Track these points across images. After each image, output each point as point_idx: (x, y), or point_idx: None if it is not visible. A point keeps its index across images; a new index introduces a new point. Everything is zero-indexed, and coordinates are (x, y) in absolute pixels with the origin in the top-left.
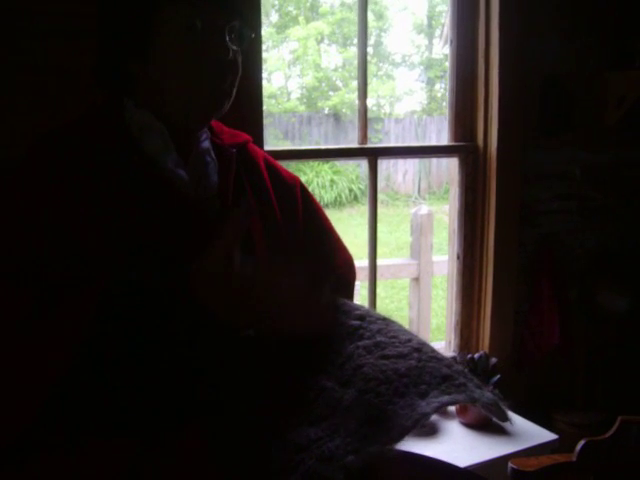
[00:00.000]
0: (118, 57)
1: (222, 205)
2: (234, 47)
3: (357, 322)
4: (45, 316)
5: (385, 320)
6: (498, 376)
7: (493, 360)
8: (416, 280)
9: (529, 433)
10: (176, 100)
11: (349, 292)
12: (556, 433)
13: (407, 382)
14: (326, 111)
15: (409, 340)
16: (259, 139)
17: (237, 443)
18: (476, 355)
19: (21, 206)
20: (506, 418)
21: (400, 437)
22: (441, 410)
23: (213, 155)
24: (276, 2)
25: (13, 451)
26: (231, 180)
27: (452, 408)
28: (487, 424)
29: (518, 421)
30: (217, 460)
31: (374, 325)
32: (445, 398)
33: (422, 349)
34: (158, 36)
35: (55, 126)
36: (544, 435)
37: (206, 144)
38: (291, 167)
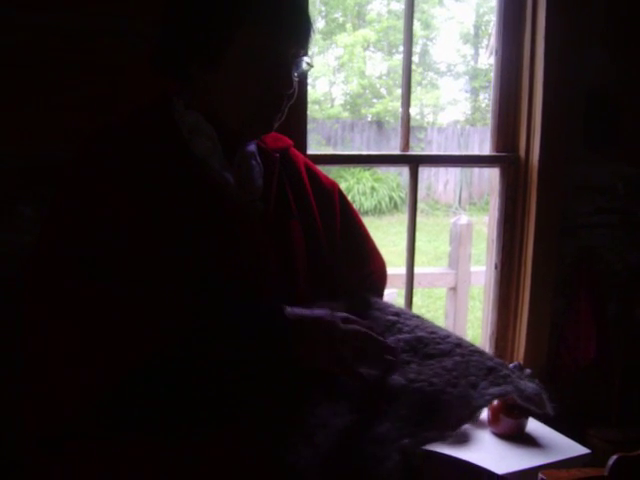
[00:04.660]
0: (182, 58)
1: (265, 209)
2: (296, 78)
3: (394, 317)
4: (113, 318)
5: (419, 317)
6: (528, 371)
7: (527, 371)
8: (453, 290)
9: (561, 446)
10: (231, 111)
11: (380, 296)
12: (589, 448)
13: (457, 374)
14: (369, 118)
15: (448, 336)
16: (302, 145)
17: (283, 435)
18: (510, 365)
19: (76, 206)
20: (545, 408)
21: (457, 426)
22: (493, 401)
23: (258, 159)
24: (323, 8)
25: (63, 436)
26: (274, 184)
27: (484, 417)
28: (519, 435)
29: (550, 434)
30: (265, 452)
31: (410, 321)
32: (496, 390)
33: (462, 344)
34: (231, 52)
35: (105, 124)
36: (577, 449)
37: (252, 147)
38: (332, 173)
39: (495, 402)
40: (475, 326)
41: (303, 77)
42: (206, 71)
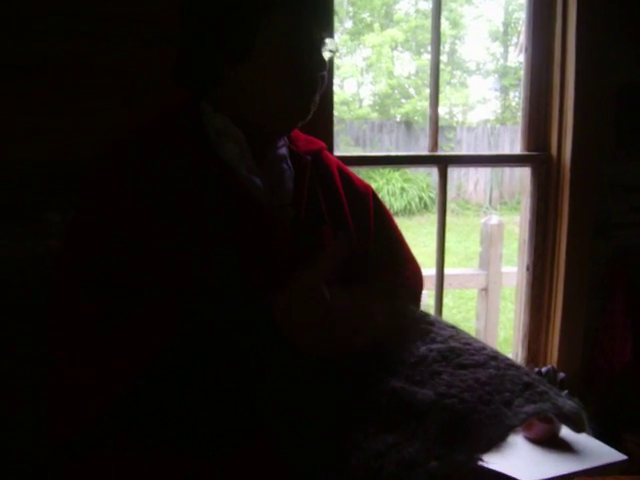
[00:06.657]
0: (210, 58)
1: (296, 213)
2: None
3: (428, 326)
4: (118, 328)
5: (454, 328)
6: (566, 392)
7: (561, 375)
8: (484, 291)
9: (597, 452)
10: (266, 105)
11: (416, 303)
12: (625, 453)
13: (490, 390)
14: (398, 118)
15: (483, 348)
16: (329, 146)
17: (312, 455)
18: (543, 369)
19: (98, 212)
20: (584, 428)
21: (487, 448)
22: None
23: (289, 163)
24: (351, 9)
25: (76, 445)
26: (305, 188)
27: None
28: (553, 440)
29: (585, 439)
30: (292, 473)
31: (445, 331)
32: (531, 407)
33: (497, 357)
34: (260, 39)
35: (130, 128)
36: (612, 455)
37: (283, 150)
38: (362, 174)
39: None
40: (507, 327)
41: (330, 63)
42: (236, 65)
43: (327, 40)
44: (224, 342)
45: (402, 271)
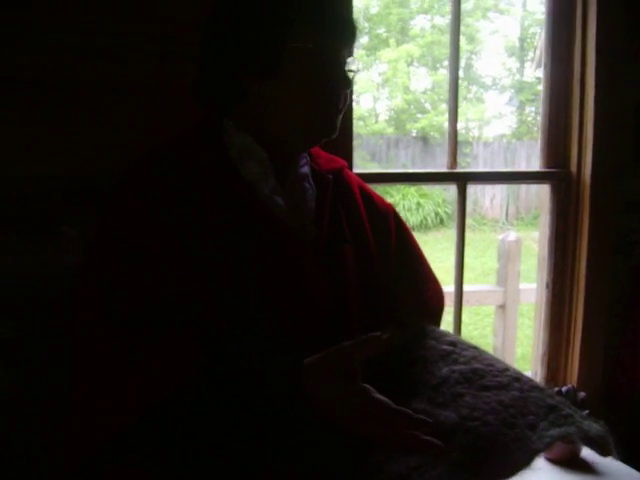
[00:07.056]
0: (234, 74)
1: (318, 232)
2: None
3: (449, 347)
4: (138, 353)
5: (476, 348)
6: (587, 411)
7: (582, 394)
8: (502, 308)
9: (618, 473)
10: (290, 121)
11: (437, 323)
12: None
13: (514, 413)
14: (414, 134)
15: (506, 369)
16: (349, 163)
17: (333, 478)
18: (564, 388)
19: (118, 233)
20: (610, 452)
21: (512, 474)
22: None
23: (311, 181)
24: (366, 25)
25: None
26: (327, 207)
27: None
28: (573, 460)
29: (606, 460)
30: None
31: (467, 352)
32: (556, 431)
33: (521, 378)
34: (286, 56)
35: (152, 146)
36: (634, 476)
37: (305, 169)
38: (378, 189)
39: None
40: (524, 344)
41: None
42: (260, 81)
43: (348, 59)
44: (247, 388)
45: (424, 291)
